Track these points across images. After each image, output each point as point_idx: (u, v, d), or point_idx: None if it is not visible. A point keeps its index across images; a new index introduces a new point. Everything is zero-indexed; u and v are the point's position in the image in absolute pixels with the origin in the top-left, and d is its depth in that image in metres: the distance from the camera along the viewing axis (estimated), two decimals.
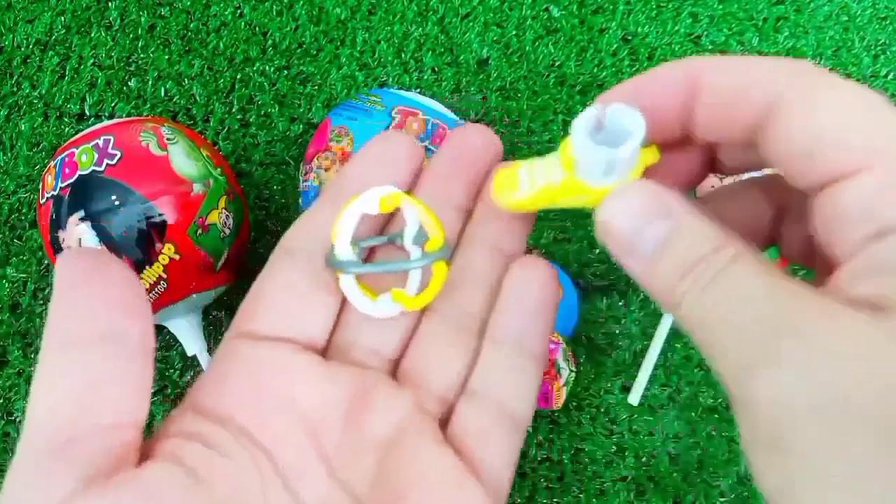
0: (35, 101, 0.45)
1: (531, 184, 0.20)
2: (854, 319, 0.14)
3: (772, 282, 0.16)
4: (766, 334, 0.15)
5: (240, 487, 0.17)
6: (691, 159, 0.21)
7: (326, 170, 0.34)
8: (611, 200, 0.18)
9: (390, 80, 0.45)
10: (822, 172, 0.16)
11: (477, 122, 0.44)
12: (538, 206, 0.20)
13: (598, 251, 0.41)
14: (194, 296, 0.35)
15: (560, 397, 0.36)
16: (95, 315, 0.17)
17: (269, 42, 0.46)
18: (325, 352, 0.21)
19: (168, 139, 0.35)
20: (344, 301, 0.21)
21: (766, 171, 0.21)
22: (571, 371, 0.36)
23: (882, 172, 0.15)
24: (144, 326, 0.18)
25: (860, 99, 0.16)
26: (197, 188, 0.34)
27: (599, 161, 0.18)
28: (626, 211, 0.17)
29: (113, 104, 0.44)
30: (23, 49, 0.46)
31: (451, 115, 0.36)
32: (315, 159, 0.35)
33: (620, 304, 0.41)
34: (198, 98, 0.44)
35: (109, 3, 0.46)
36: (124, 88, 0.45)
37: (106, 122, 0.36)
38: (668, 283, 0.17)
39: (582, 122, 0.18)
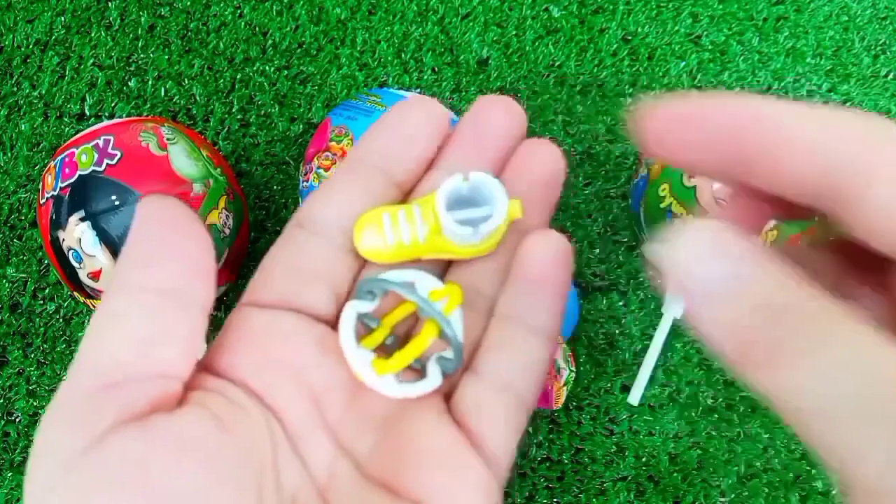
0: (35, 101, 0.45)
1: (395, 236, 0.20)
2: None
3: (876, 356, 0.13)
4: None
5: (256, 443, 0.18)
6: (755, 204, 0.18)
7: (326, 170, 0.34)
8: (671, 239, 0.15)
9: (390, 80, 0.45)
10: None
11: None
12: (401, 259, 0.20)
13: (597, 251, 0.41)
14: None
15: (560, 397, 0.36)
16: (164, 268, 0.17)
17: (269, 42, 0.46)
18: (335, 324, 0.21)
19: (168, 139, 0.35)
20: (357, 273, 0.21)
21: None
22: (571, 371, 0.36)
23: None
24: (207, 287, 0.18)
25: None
26: (197, 188, 0.34)
27: (464, 231, 0.19)
28: (688, 250, 0.15)
29: (113, 104, 0.44)
30: (23, 49, 0.46)
31: (453, 116, 0.36)
32: (315, 159, 0.35)
33: (620, 304, 0.41)
34: (198, 98, 0.44)
35: (109, 3, 0.46)
36: (124, 88, 0.45)
37: (106, 122, 0.36)
38: (738, 335, 0.14)
39: (446, 192, 0.19)
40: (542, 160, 0.21)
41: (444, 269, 0.21)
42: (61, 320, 0.41)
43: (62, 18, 0.46)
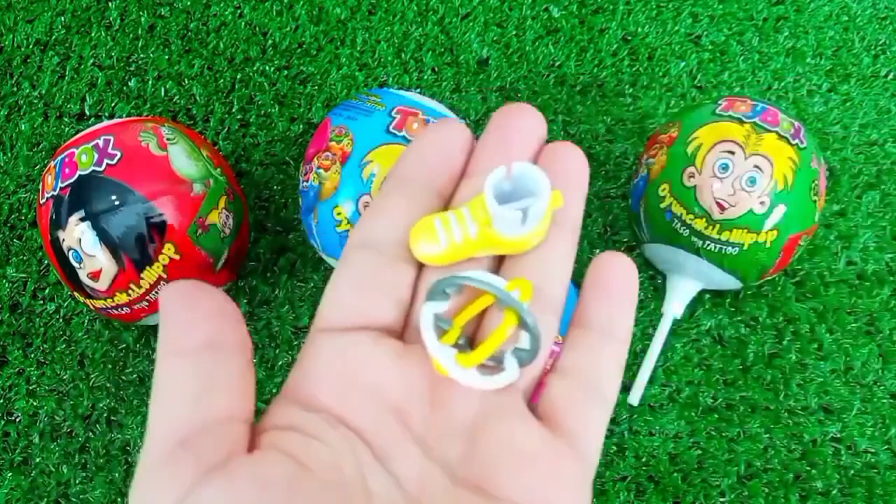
0: (35, 101, 0.45)
1: (448, 237, 0.21)
2: None
3: None
4: None
5: (340, 471, 0.18)
6: None
7: (326, 170, 0.34)
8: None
9: (390, 80, 0.45)
10: None
11: (477, 122, 0.44)
12: (456, 259, 0.21)
13: (597, 251, 0.41)
14: None
15: None
16: (198, 326, 0.19)
17: (269, 42, 0.46)
18: (404, 334, 0.21)
19: (168, 139, 0.35)
20: (415, 281, 0.22)
21: None
22: None
23: None
24: (241, 332, 0.19)
25: None
26: (197, 188, 0.34)
27: (514, 217, 0.20)
28: None
29: (113, 104, 0.44)
30: (23, 49, 0.46)
31: (452, 115, 0.36)
32: (315, 159, 0.35)
33: None
34: (198, 98, 0.44)
35: (109, 3, 0.46)
36: (124, 88, 0.45)
37: (106, 122, 0.36)
38: None
39: (492, 183, 0.20)
40: (567, 160, 0.22)
41: (495, 270, 0.22)
42: (61, 320, 0.41)
43: (62, 18, 0.46)
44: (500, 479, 0.19)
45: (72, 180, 0.33)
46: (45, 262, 0.42)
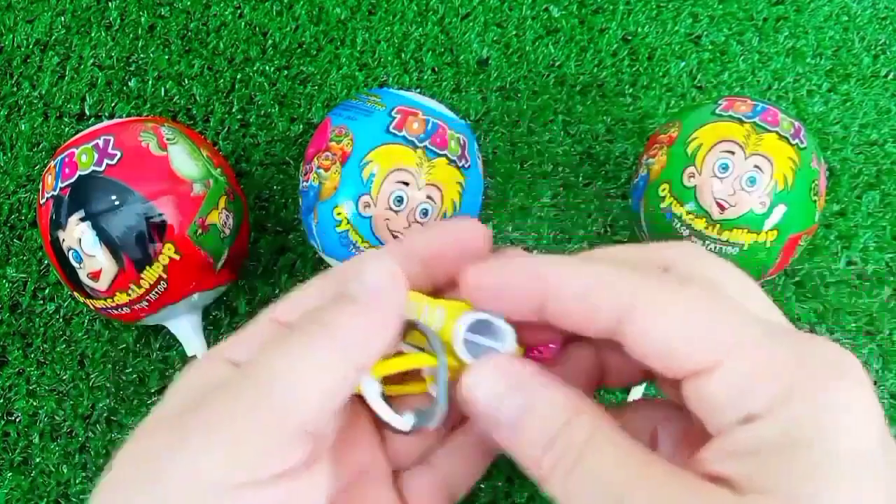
0: (35, 101, 0.45)
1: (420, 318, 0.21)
2: (715, 496, 0.17)
3: (628, 463, 0.18)
4: None
5: None
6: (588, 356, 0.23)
7: (326, 170, 0.34)
8: (468, 380, 0.20)
9: (390, 80, 0.45)
10: (680, 370, 0.18)
11: (476, 122, 0.44)
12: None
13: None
14: (194, 296, 0.35)
15: None
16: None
17: (269, 42, 0.46)
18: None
19: (168, 139, 0.35)
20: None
21: None
22: None
23: (734, 367, 0.18)
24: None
25: (703, 303, 0.18)
26: (197, 188, 0.34)
27: (472, 358, 0.21)
28: (484, 388, 0.20)
29: (113, 104, 0.44)
30: (23, 49, 0.46)
31: (452, 115, 0.36)
32: (315, 159, 0.35)
33: None
34: (198, 98, 0.44)
35: (109, 3, 0.46)
36: (124, 88, 0.45)
37: (106, 122, 0.36)
38: (533, 454, 0.20)
39: (462, 327, 0.21)
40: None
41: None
42: (61, 320, 0.41)
43: (62, 18, 0.46)
44: None
45: (72, 180, 0.33)
46: (45, 262, 0.42)
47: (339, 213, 0.34)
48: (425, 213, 0.34)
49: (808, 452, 0.16)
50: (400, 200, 0.33)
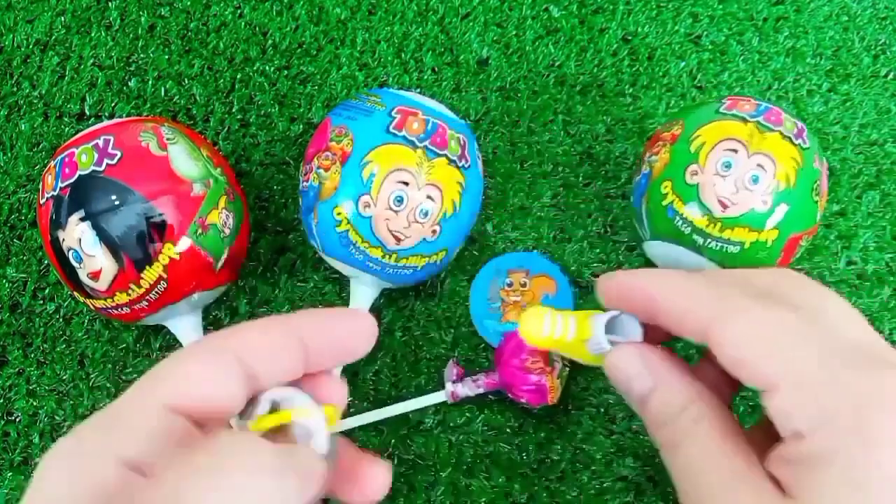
0: (35, 101, 0.45)
1: (552, 330, 0.27)
2: (767, 497, 0.20)
3: (721, 452, 0.22)
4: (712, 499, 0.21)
5: None
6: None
7: (326, 170, 0.34)
8: (613, 356, 0.26)
9: (390, 80, 0.45)
10: (749, 382, 0.22)
11: (476, 122, 0.44)
12: (548, 347, 0.29)
13: (597, 251, 0.41)
14: (194, 296, 0.35)
15: (555, 391, 0.36)
16: None
17: (269, 42, 0.46)
18: None
19: (168, 139, 0.35)
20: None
21: None
22: (565, 366, 0.37)
23: (788, 391, 0.21)
24: None
25: (782, 326, 0.22)
26: (197, 188, 0.34)
27: (605, 345, 0.26)
28: (623, 365, 0.25)
29: (113, 104, 0.44)
30: (23, 49, 0.46)
31: (452, 115, 0.36)
32: (315, 159, 0.35)
33: None
34: (198, 98, 0.44)
35: (109, 3, 0.46)
36: (124, 88, 0.45)
37: (106, 122, 0.36)
38: (653, 426, 0.25)
39: (602, 323, 0.26)
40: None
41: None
42: (61, 320, 0.41)
43: (62, 18, 0.46)
44: None
45: (72, 180, 0.33)
46: (45, 262, 0.42)
47: (339, 213, 0.34)
48: (425, 213, 0.34)
49: (835, 472, 0.19)
50: (400, 200, 0.33)
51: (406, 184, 0.33)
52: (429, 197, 0.34)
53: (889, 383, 0.19)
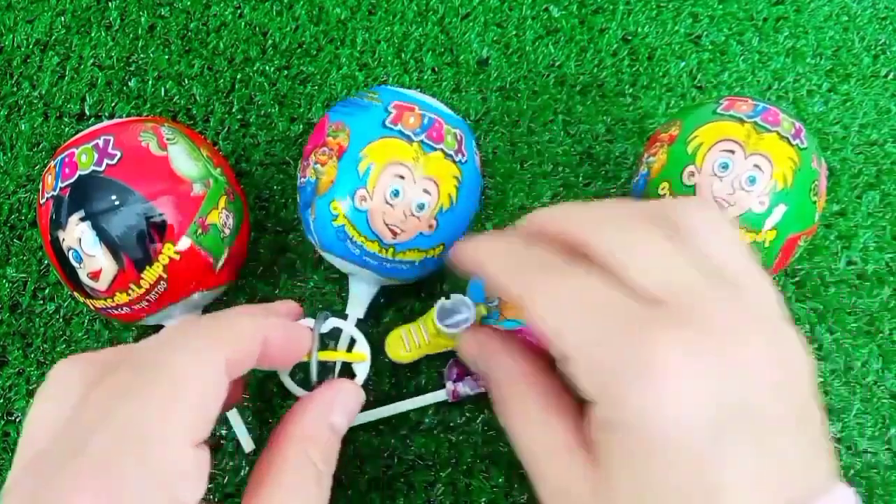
0: (35, 101, 0.45)
1: (411, 341, 0.36)
2: (575, 468, 0.22)
3: (539, 428, 0.24)
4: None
5: None
6: None
7: (322, 165, 0.34)
8: (460, 343, 0.31)
9: (390, 80, 0.45)
10: (553, 353, 0.23)
11: (476, 122, 0.44)
12: (421, 355, 0.36)
13: None
14: (195, 296, 0.35)
15: None
16: None
17: (269, 42, 0.46)
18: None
19: (168, 139, 0.35)
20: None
21: None
22: None
23: (576, 362, 0.22)
24: None
25: (559, 298, 0.23)
26: (197, 188, 0.34)
27: (454, 329, 0.34)
28: (465, 350, 0.30)
29: (113, 104, 0.44)
30: (23, 49, 0.46)
31: (450, 112, 0.36)
32: (312, 155, 0.35)
33: None
34: (198, 98, 0.44)
35: (109, 3, 0.46)
36: (124, 88, 0.45)
37: (106, 122, 0.36)
38: (494, 405, 0.27)
39: (436, 314, 0.34)
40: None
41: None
42: (61, 320, 0.41)
43: (62, 18, 0.46)
44: None
45: (72, 180, 0.33)
46: (45, 262, 0.42)
47: (335, 208, 0.34)
48: (421, 206, 0.34)
49: (616, 439, 0.21)
50: (396, 194, 0.34)
51: (402, 178, 0.33)
52: (425, 191, 0.34)
53: (661, 351, 0.20)
